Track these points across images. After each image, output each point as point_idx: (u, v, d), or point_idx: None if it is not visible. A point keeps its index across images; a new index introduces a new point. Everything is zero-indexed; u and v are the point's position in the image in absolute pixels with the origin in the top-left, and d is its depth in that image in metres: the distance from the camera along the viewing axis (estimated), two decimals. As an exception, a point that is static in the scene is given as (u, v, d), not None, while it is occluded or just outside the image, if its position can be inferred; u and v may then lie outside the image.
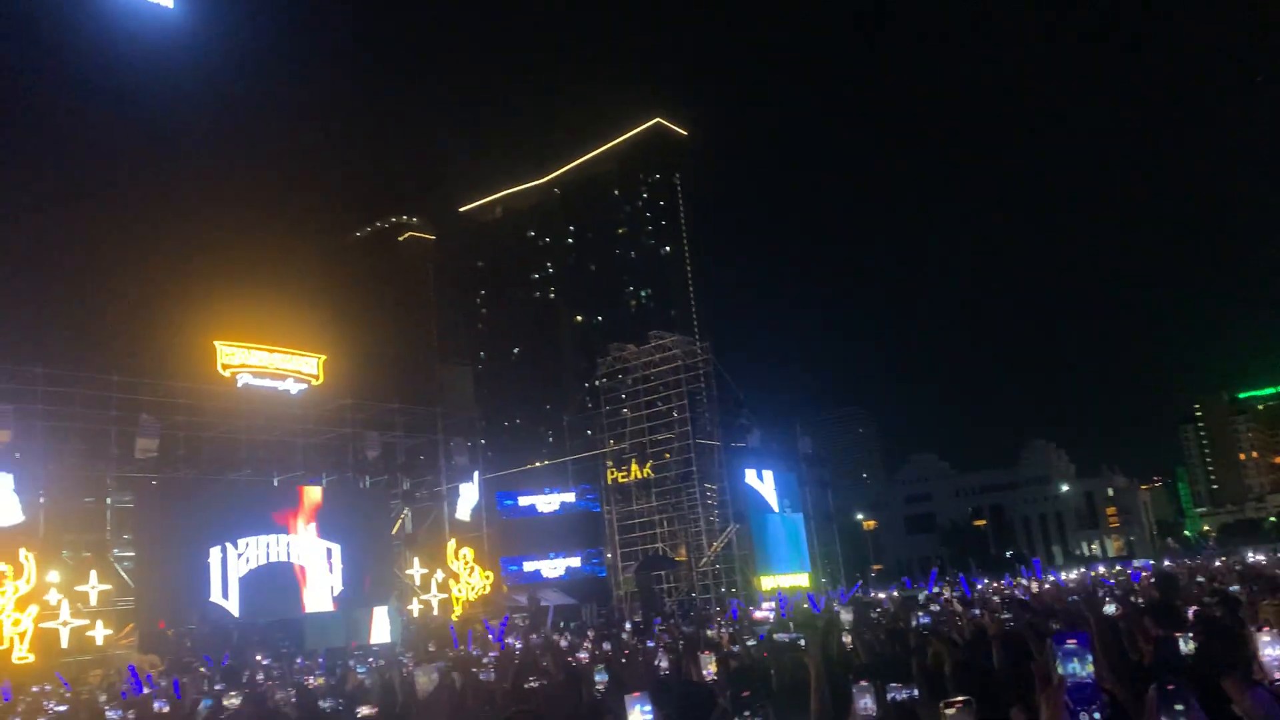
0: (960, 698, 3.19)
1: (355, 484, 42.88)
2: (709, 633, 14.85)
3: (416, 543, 43.68)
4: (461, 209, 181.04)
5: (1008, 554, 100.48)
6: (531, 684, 8.42)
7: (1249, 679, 3.48)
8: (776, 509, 56.50)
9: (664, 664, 9.33)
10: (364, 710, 7.58)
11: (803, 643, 5.83)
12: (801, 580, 53.85)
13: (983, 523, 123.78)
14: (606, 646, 13.52)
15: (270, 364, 39.78)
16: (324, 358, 41.70)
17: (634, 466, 53.53)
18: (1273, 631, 3.40)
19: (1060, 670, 2.66)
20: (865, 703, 3.75)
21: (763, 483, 56.16)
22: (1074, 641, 2.72)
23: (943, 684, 6.83)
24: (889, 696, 3.87)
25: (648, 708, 4.16)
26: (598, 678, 8.03)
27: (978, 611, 11.78)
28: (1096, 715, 2.63)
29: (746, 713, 2.78)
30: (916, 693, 4.86)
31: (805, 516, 59.14)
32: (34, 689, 19.27)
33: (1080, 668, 2.67)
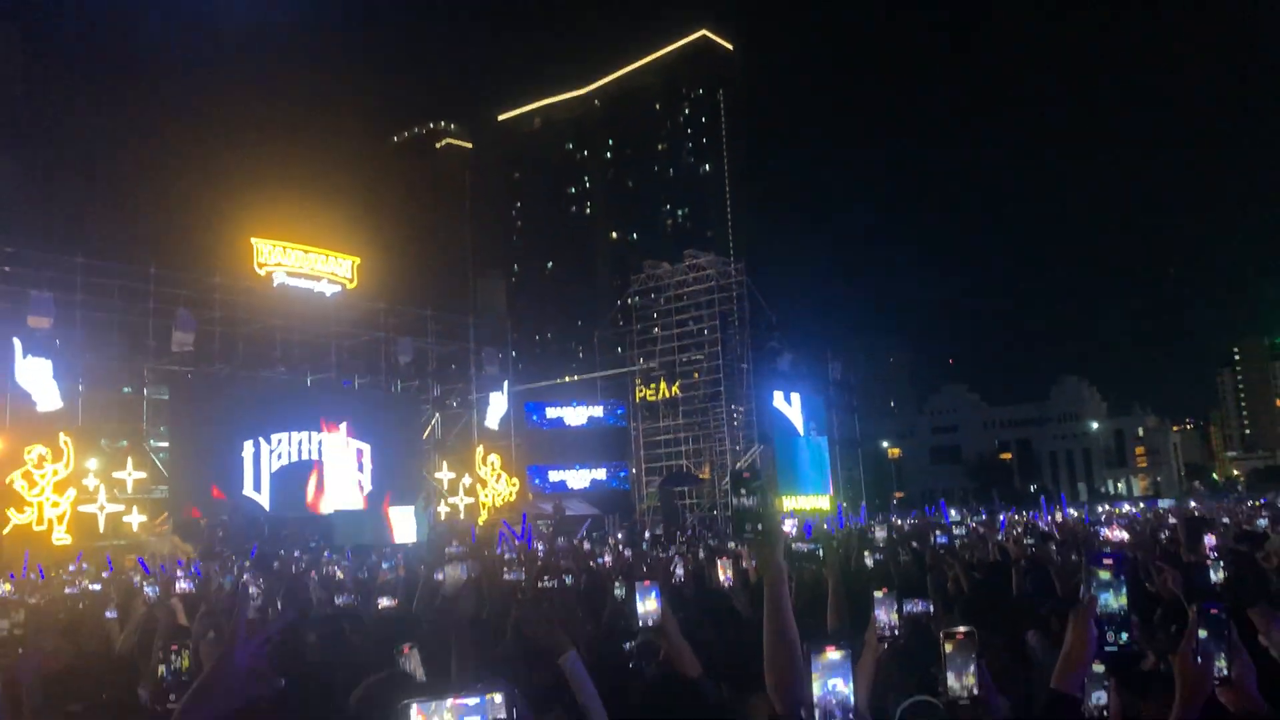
0: (963, 627, 3.09)
1: (387, 387, 43.38)
2: (731, 545, 14.98)
3: (446, 448, 44.33)
4: (500, 118, 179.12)
5: (1032, 488, 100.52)
6: (549, 584, 8.46)
7: (1275, 610, 3.47)
8: (802, 432, 56.60)
9: (679, 571, 9.42)
10: (384, 601, 7.69)
11: (821, 553, 5.77)
12: (822, 503, 54.16)
13: (1009, 456, 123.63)
14: (627, 553, 13.67)
15: (306, 264, 39.93)
16: (358, 261, 41.79)
17: (662, 384, 53.67)
18: None
19: (1092, 591, 2.55)
20: (883, 614, 3.66)
21: (790, 405, 56.16)
22: (1110, 561, 2.60)
23: (960, 606, 6.79)
24: (905, 609, 3.77)
25: (657, 596, 4.14)
26: (616, 590, 8.13)
27: (1000, 538, 11.74)
28: (1125, 637, 2.53)
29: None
30: (931, 608, 4.78)
31: (830, 441, 59.24)
32: (70, 567, 19.90)
33: (1114, 590, 2.55)
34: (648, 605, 3.92)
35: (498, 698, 1.84)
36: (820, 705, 1.87)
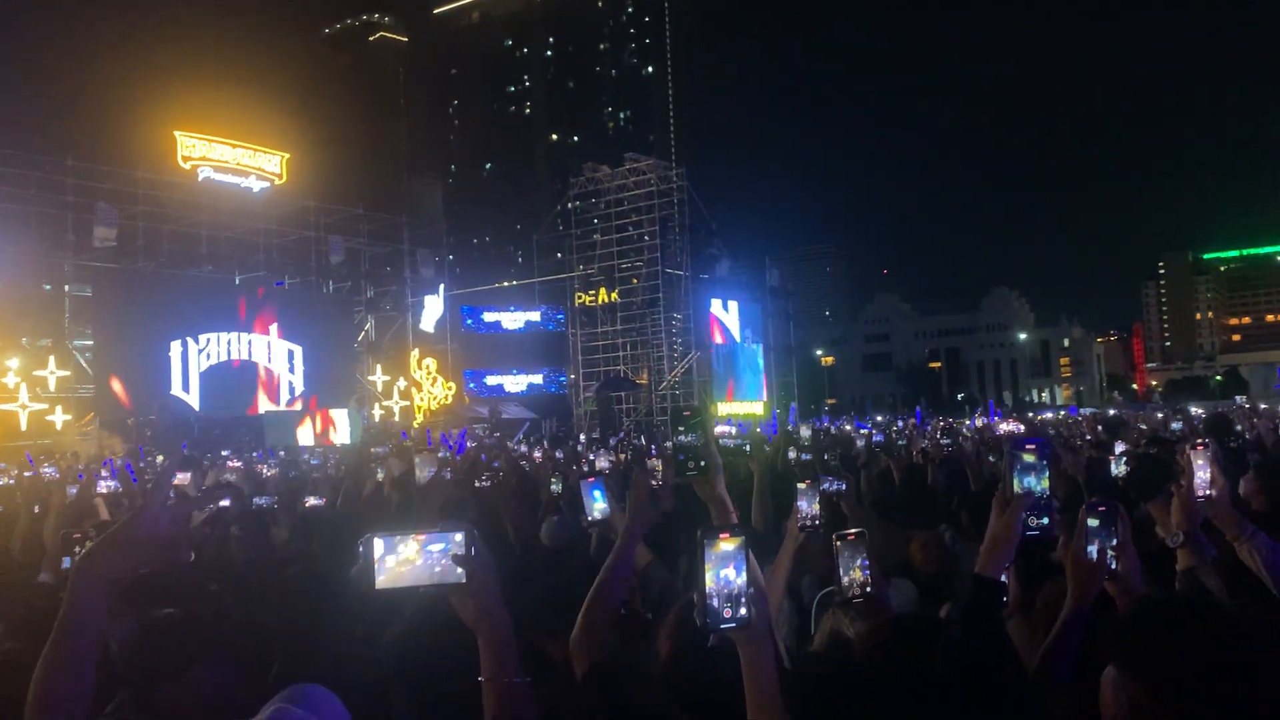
0: (853, 530, 3.20)
1: (318, 288, 42.62)
2: (664, 444, 15.21)
3: (380, 351, 43.94)
4: (436, 10, 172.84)
5: (959, 396, 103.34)
6: (483, 483, 8.53)
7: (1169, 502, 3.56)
8: (738, 339, 57.11)
9: (602, 463, 9.61)
10: (311, 500, 7.71)
11: (748, 449, 5.88)
12: (756, 409, 55.02)
13: (938, 365, 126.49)
14: (559, 455, 13.79)
15: (232, 159, 38.61)
16: (288, 156, 40.52)
17: (601, 291, 53.49)
18: (1205, 453, 3.43)
19: (1016, 480, 2.58)
20: (804, 504, 3.74)
21: (727, 313, 56.51)
22: (1032, 447, 2.64)
23: (890, 497, 6.99)
24: (822, 487, 3.87)
25: (602, 492, 4.30)
26: (552, 486, 8.22)
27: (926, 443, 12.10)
28: (1045, 521, 2.59)
29: (682, 429, 2.73)
30: (844, 486, 4.90)
31: (765, 348, 59.91)
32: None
33: (1036, 476, 2.60)
34: (594, 500, 4.06)
35: (459, 536, 1.98)
36: (712, 594, 1.91)
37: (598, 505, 4.24)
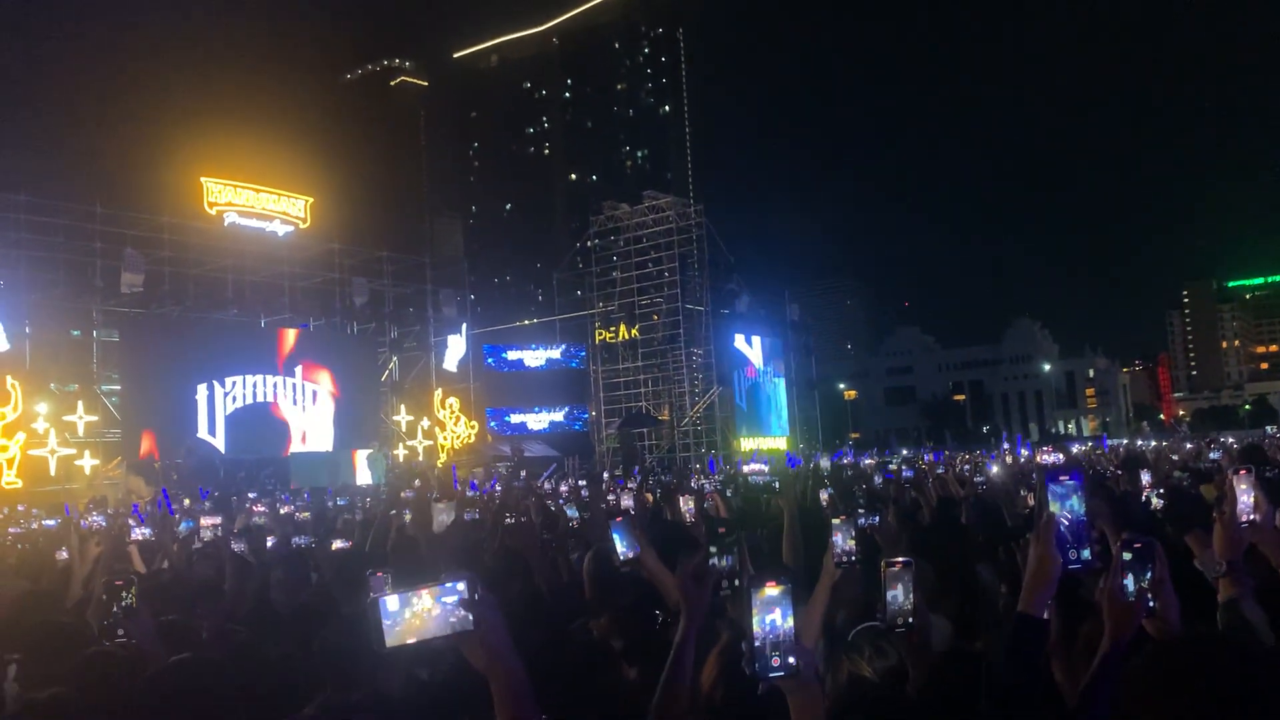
0: (901, 558, 3.18)
1: (343, 329, 42.94)
2: (690, 481, 15.15)
3: (403, 391, 44.12)
4: (456, 55, 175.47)
5: (984, 429, 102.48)
6: (510, 520, 8.53)
7: (1209, 535, 3.52)
8: (760, 374, 57.07)
9: (629, 502, 9.63)
10: (338, 544, 7.73)
11: (777, 485, 5.86)
12: (780, 444, 54.86)
13: (962, 398, 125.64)
14: (584, 492, 13.77)
15: (257, 203, 39.14)
16: (311, 200, 41.04)
17: (622, 327, 53.71)
18: (1248, 478, 3.38)
19: (1053, 507, 2.57)
20: (840, 540, 3.73)
21: (750, 347, 56.55)
22: (1067, 478, 2.62)
23: (921, 535, 6.93)
24: (860, 523, 3.86)
25: (631, 530, 4.27)
26: (570, 513, 8.23)
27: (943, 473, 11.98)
28: (1087, 554, 2.56)
29: (714, 549, 2.73)
30: (877, 520, 4.87)
31: (788, 383, 59.83)
32: (19, 507, 19.66)
33: (1073, 506, 2.58)
34: (625, 539, 4.05)
35: (463, 584, 2.02)
36: (760, 642, 1.94)
37: (628, 548, 4.21)
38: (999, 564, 5.88)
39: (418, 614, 1.98)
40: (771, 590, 1.95)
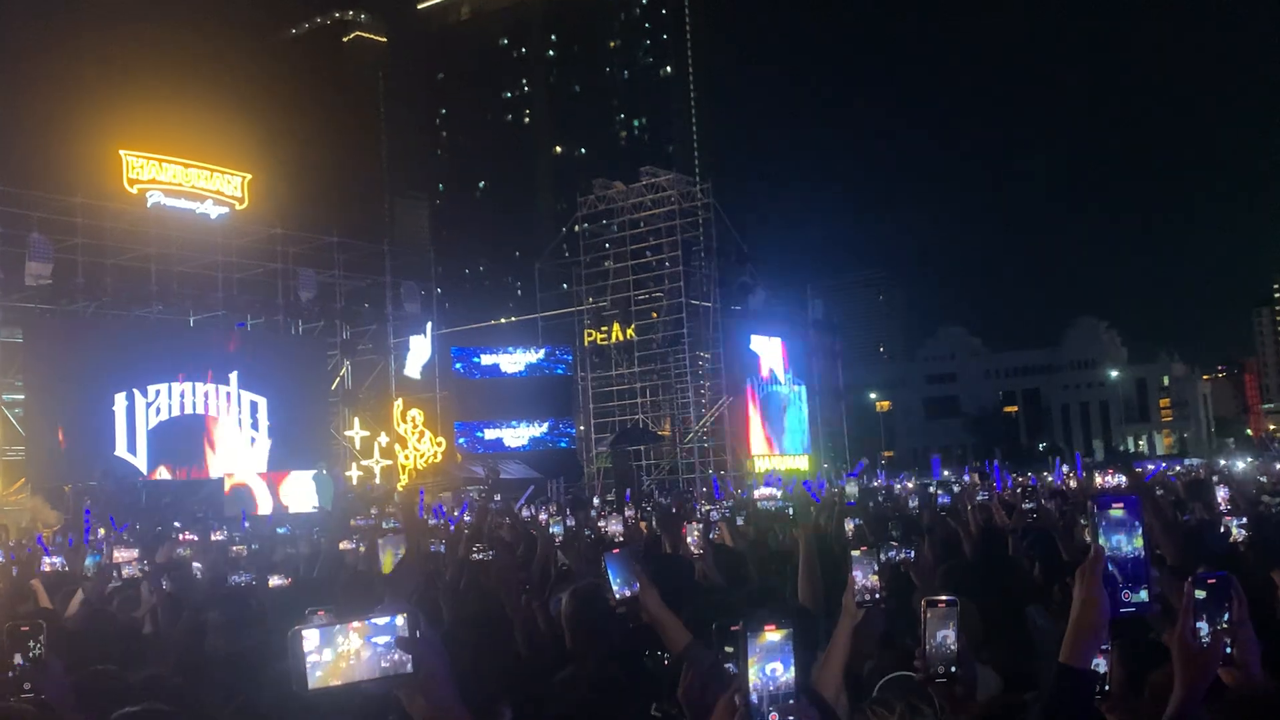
0: (945, 596, 3.17)
1: (287, 329, 42.93)
2: (692, 508, 15.13)
3: (357, 402, 44.11)
4: (420, 5, 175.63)
5: (1040, 446, 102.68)
6: (479, 555, 8.52)
7: None
8: (780, 382, 57.12)
9: (617, 528, 9.68)
10: (275, 580, 7.73)
11: (791, 512, 5.86)
12: (801, 463, 54.91)
13: (1014, 410, 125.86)
14: (570, 522, 13.74)
15: (186, 180, 39.14)
16: (249, 177, 41.03)
17: (615, 327, 53.66)
18: None
19: (1102, 540, 2.56)
20: (861, 575, 3.74)
21: (766, 351, 56.60)
22: (1120, 506, 2.61)
23: (961, 572, 6.94)
24: (882, 557, 3.86)
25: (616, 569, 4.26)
26: (555, 528, 8.25)
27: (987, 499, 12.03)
28: (1144, 595, 2.55)
29: (727, 648, 2.65)
30: (912, 554, 4.86)
31: (810, 392, 59.88)
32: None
33: (1127, 538, 2.57)
34: (621, 574, 4.03)
35: (401, 619, 2.01)
36: (758, 694, 1.94)
37: (626, 585, 4.18)
38: (1054, 605, 5.90)
39: (345, 653, 1.97)
40: (771, 635, 1.95)
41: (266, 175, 44.84)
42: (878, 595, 3.73)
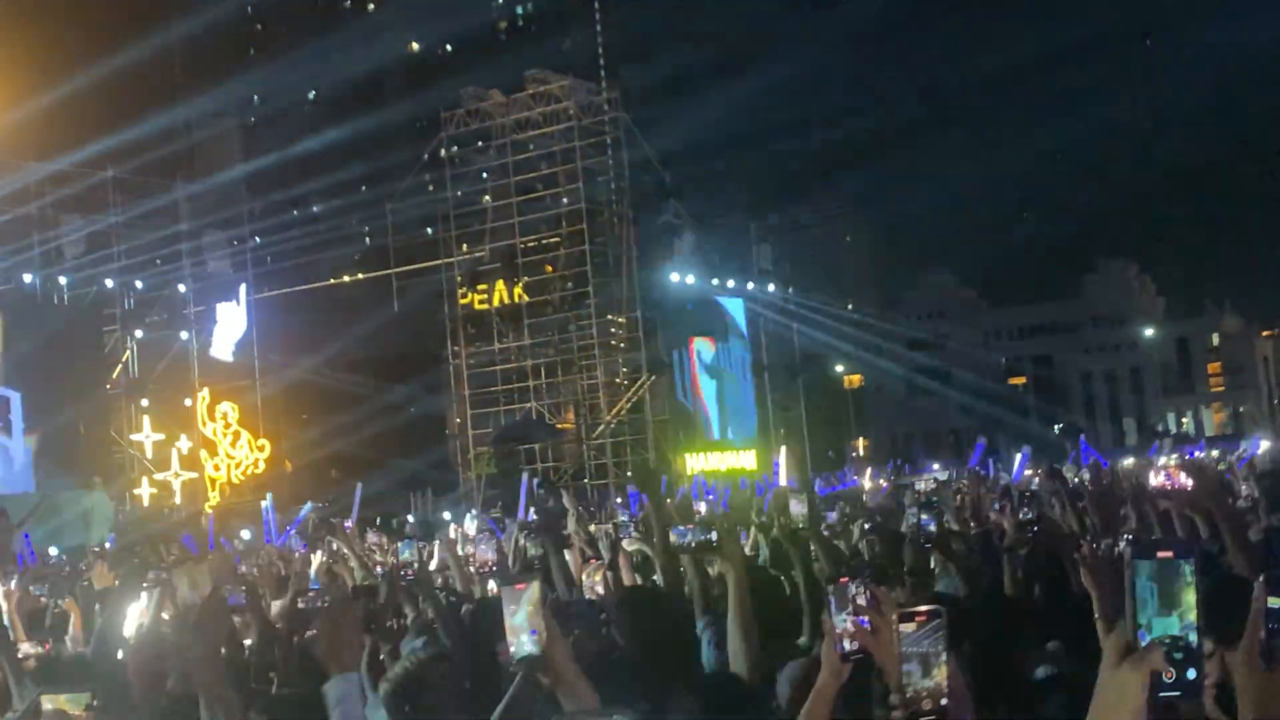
0: (925, 607, 3.18)
1: (48, 297, 42.04)
2: (597, 527, 15.10)
3: (146, 392, 43.46)
4: None
5: (1056, 427, 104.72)
6: (308, 602, 8.46)
7: None
8: (715, 353, 57.41)
9: (488, 555, 9.74)
10: (25, 648, 7.58)
11: (714, 539, 5.80)
12: (747, 460, 55.29)
13: (1022, 381, 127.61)
14: (438, 550, 13.67)
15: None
16: (-11, 86, 40.24)
17: (499, 285, 53.52)
18: None
19: (1141, 612, 2.54)
20: (840, 615, 3.68)
21: (697, 311, 56.77)
22: (1169, 554, 2.58)
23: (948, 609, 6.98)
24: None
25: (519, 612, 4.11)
26: (403, 552, 8.27)
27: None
28: (1191, 673, 2.53)
29: None
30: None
31: (757, 366, 60.29)
32: None
33: (1175, 603, 2.55)
34: (524, 624, 3.88)
35: None
36: None
37: (526, 635, 4.00)
38: (1069, 642, 5.97)
39: None
40: None
41: (12, 87, 43.84)
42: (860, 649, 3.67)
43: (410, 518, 32.58)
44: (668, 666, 5.21)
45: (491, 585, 9.22)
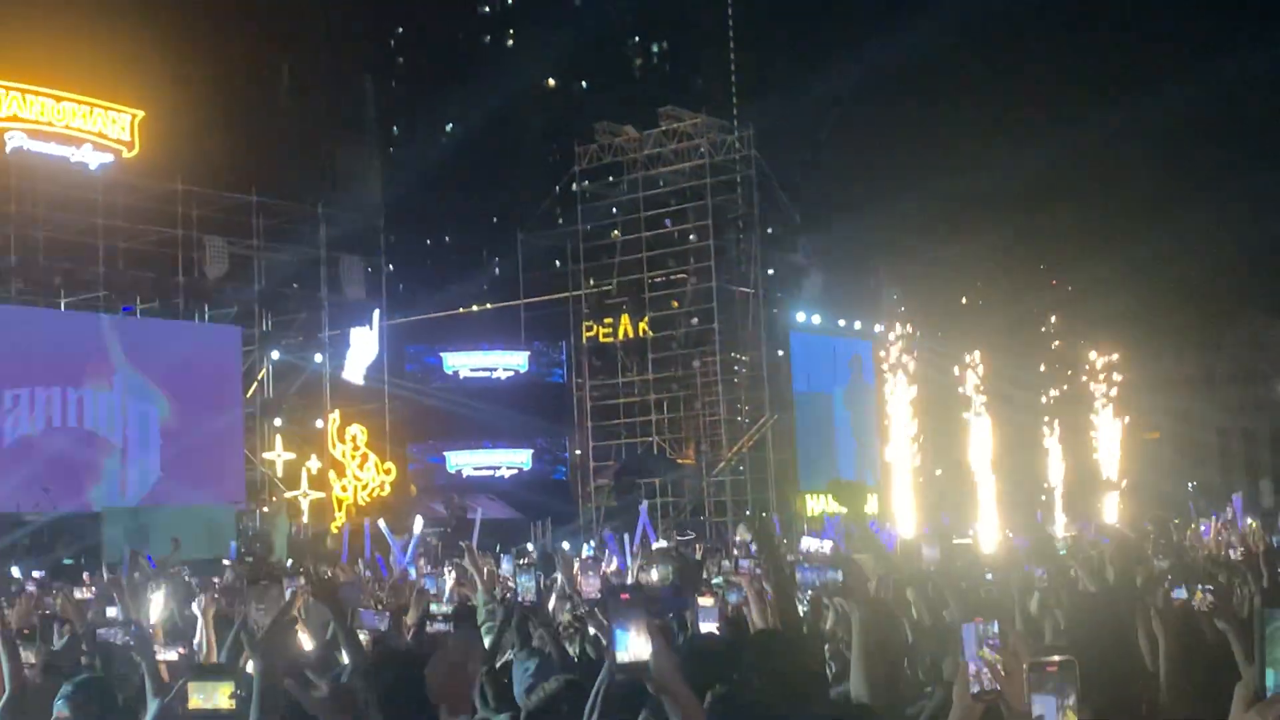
0: (1058, 657, 3.15)
1: (188, 316, 42.87)
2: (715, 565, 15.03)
3: (279, 413, 44.08)
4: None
5: (1190, 485, 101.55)
6: (437, 627, 8.51)
7: None
8: (841, 392, 56.97)
9: (593, 584, 9.75)
10: (165, 655, 7.69)
11: (840, 577, 5.73)
12: (872, 503, 54.67)
13: (1155, 435, 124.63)
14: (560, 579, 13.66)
15: (58, 119, 39.26)
16: (141, 115, 41.18)
17: (624, 319, 53.62)
18: None
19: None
20: (973, 653, 3.63)
21: (823, 352, 56.42)
22: None
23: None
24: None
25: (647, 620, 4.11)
26: (524, 581, 8.29)
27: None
28: None
29: None
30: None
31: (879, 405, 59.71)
32: None
33: None
34: (629, 630, 3.89)
35: None
36: None
37: (634, 640, 4.01)
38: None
39: None
40: None
41: (164, 113, 44.82)
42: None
43: (530, 546, 32.58)
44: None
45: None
